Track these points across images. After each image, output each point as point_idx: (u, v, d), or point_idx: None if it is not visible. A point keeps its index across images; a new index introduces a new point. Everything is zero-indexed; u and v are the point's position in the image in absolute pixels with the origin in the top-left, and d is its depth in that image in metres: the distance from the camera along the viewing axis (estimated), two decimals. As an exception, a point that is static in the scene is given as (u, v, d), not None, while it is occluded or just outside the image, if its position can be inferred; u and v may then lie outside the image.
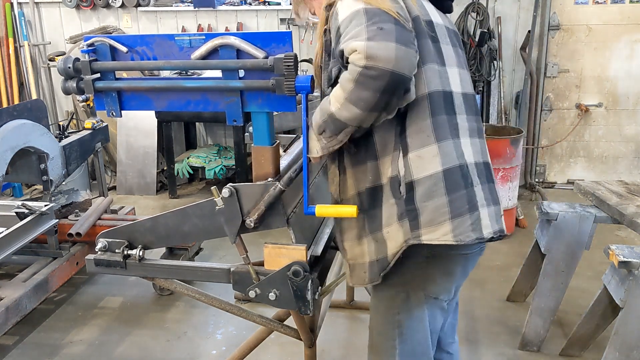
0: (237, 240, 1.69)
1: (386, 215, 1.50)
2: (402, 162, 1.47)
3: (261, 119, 1.69)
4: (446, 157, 1.47)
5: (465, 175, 1.49)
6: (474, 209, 1.49)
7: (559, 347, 2.84)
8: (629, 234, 4.09)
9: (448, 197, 1.45)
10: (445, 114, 1.50)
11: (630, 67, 4.90)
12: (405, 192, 1.47)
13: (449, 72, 1.55)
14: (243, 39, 1.62)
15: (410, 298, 1.60)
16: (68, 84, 1.76)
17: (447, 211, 1.45)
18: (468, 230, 1.46)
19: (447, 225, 1.45)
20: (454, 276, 1.61)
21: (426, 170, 1.46)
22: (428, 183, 1.45)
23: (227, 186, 1.63)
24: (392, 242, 1.50)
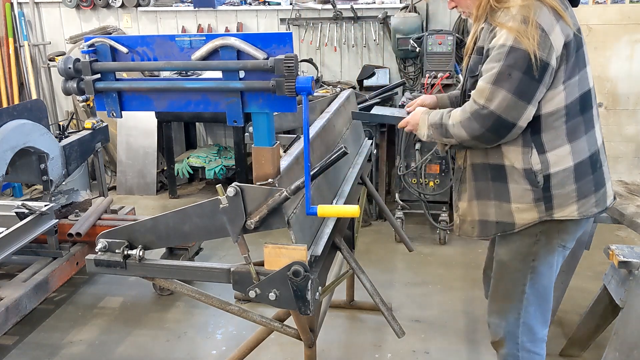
0: (240, 239, 1.69)
1: (516, 194, 1.84)
2: (539, 159, 1.79)
3: (261, 120, 1.70)
4: (577, 154, 1.80)
5: (594, 162, 1.84)
6: (600, 186, 1.86)
7: (559, 347, 2.84)
8: (629, 234, 4.10)
9: (576, 184, 1.81)
10: (580, 114, 1.81)
11: (631, 67, 4.90)
12: (543, 182, 1.80)
13: (587, 71, 1.86)
14: (243, 40, 1.62)
15: (548, 245, 1.89)
16: (68, 85, 1.76)
17: (575, 195, 1.81)
18: (592, 207, 1.84)
19: (574, 205, 1.81)
20: (580, 226, 1.91)
21: (560, 165, 1.79)
22: (562, 175, 1.79)
23: (233, 185, 1.63)
24: (521, 215, 1.84)
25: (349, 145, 2.67)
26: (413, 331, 3.04)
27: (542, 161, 1.79)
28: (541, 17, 1.69)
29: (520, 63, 1.66)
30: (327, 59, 5.24)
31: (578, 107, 1.80)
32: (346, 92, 2.95)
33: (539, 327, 1.99)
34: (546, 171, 1.79)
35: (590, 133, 1.84)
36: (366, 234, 4.32)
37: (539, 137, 1.79)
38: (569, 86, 1.77)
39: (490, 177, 1.88)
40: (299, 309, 1.69)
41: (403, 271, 3.73)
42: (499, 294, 2.01)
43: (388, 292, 3.44)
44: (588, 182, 1.83)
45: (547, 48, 1.68)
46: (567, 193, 1.81)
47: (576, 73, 1.79)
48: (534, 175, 1.80)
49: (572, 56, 1.76)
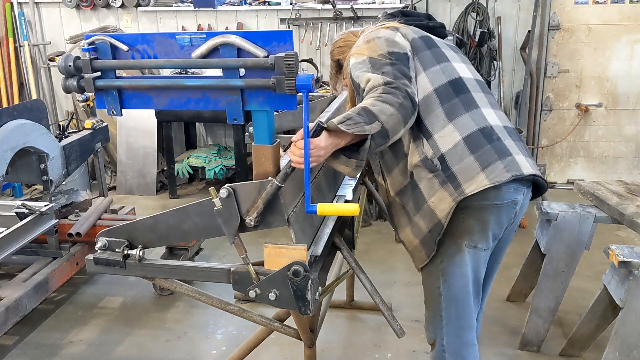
0: (236, 240, 1.69)
1: (427, 189, 1.80)
2: (428, 145, 1.78)
3: (262, 118, 1.69)
4: (463, 128, 1.78)
5: (487, 134, 1.79)
6: (505, 155, 1.77)
7: (559, 347, 2.84)
8: (629, 234, 4.09)
9: (473, 155, 1.75)
10: (456, 96, 1.83)
11: (630, 67, 4.90)
12: (440, 164, 1.76)
13: (454, 65, 1.90)
14: (244, 38, 1.62)
15: (452, 247, 1.84)
16: (69, 82, 1.76)
17: (477, 165, 1.74)
18: (502, 172, 1.73)
19: (481, 175, 1.73)
20: (488, 224, 1.81)
21: (449, 143, 1.77)
22: (454, 151, 1.76)
23: (225, 186, 1.63)
24: (440, 206, 1.77)
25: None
26: (413, 331, 3.03)
27: (432, 145, 1.78)
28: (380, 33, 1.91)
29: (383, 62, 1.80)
30: (327, 59, 5.23)
31: (450, 90, 1.83)
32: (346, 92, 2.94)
33: (463, 331, 1.93)
34: (438, 153, 1.77)
35: (474, 112, 1.82)
36: (366, 234, 4.32)
37: (423, 124, 1.80)
38: (431, 73, 1.84)
39: (410, 193, 1.86)
40: (299, 309, 1.69)
41: (403, 271, 3.73)
42: (425, 299, 2.01)
43: (388, 292, 3.43)
44: (487, 152, 1.76)
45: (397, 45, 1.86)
46: (468, 165, 1.74)
47: (436, 64, 1.87)
48: (430, 161, 1.78)
49: (423, 50, 1.89)
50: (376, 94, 1.68)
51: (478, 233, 1.82)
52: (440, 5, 4.95)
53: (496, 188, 1.73)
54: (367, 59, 1.81)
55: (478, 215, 1.80)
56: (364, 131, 1.60)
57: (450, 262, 1.86)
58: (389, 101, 1.65)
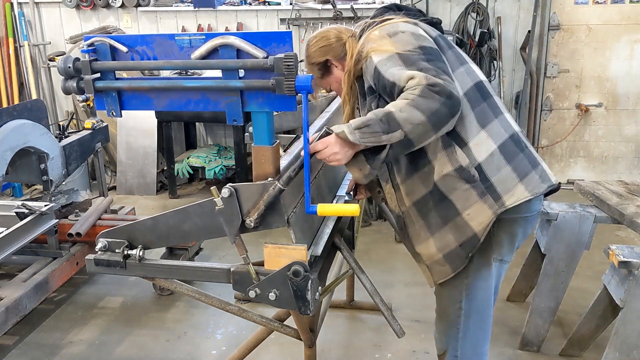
0: (237, 240, 1.69)
1: (461, 201, 1.71)
2: (463, 153, 1.69)
3: (261, 119, 1.69)
4: (496, 136, 1.73)
5: (517, 142, 1.76)
6: (536, 164, 1.77)
7: (559, 347, 2.84)
8: (629, 234, 4.09)
9: (510, 165, 1.71)
10: (483, 101, 1.76)
11: (630, 67, 4.90)
12: (477, 174, 1.69)
13: (472, 66, 1.82)
14: (243, 39, 1.62)
15: (480, 261, 1.79)
16: (68, 84, 1.76)
17: (515, 176, 1.71)
18: (538, 183, 1.73)
19: (519, 186, 1.71)
20: (516, 237, 1.80)
21: (485, 152, 1.70)
22: (490, 160, 1.70)
23: (227, 186, 1.63)
24: (477, 219, 1.71)
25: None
26: (413, 331, 3.04)
27: (467, 154, 1.69)
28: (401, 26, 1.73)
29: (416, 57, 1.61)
30: (327, 59, 5.23)
31: (478, 94, 1.74)
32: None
33: (479, 342, 1.92)
34: (475, 162, 1.69)
35: (501, 117, 1.76)
36: (366, 234, 4.32)
37: (455, 131, 1.68)
38: (458, 75, 1.72)
39: (432, 206, 1.76)
40: (299, 309, 1.69)
41: (403, 271, 3.73)
42: (439, 309, 1.95)
43: (388, 292, 3.43)
44: (521, 160, 1.73)
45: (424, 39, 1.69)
46: (506, 175, 1.70)
47: (459, 65, 1.76)
48: (467, 171, 1.69)
49: (446, 50, 1.77)
50: (411, 97, 1.52)
51: (507, 247, 1.79)
52: (440, 5, 4.95)
53: (529, 200, 1.71)
54: (395, 55, 1.62)
55: (509, 228, 1.76)
56: (380, 142, 1.55)
57: (477, 276, 1.81)
58: (421, 107, 1.51)
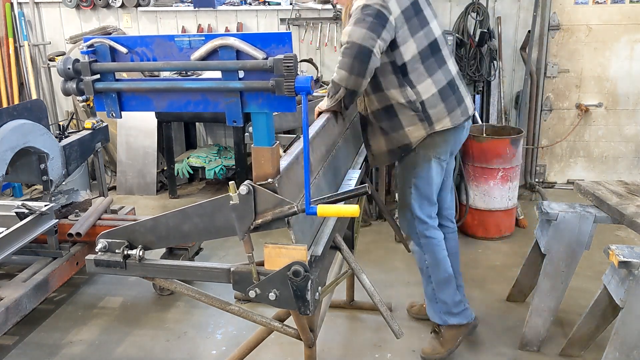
0: (245, 237, 1.69)
1: (406, 120, 2.49)
2: (412, 92, 2.45)
3: (261, 120, 1.69)
4: (437, 82, 2.50)
5: (452, 86, 2.55)
6: (461, 101, 2.58)
7: (559, 347, 2.85)
8: (629, 234, 4.09)
9: (443, 103, 2.51)
10: (432, 56, 2.49)
11: (630, 67, 4.90)
12: (420, 106, 2.47)
13: (432, 26, 2.51)
14: (243, 40, 1.62)
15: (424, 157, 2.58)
16: (68, 85, 1.76)
17: (445, 110, 2.51)
18: (459, 116, 2.56)
19: (446, 118, 2.52)
20: (449, 142, 2.60)
21: (428, 93, 2.48)
22: (431, 99, 2.48)
23: (246, 184, 1.63)
24: (414, 134, 2.51)
25: (349, 145, 2.68)
26: (413, 331, 3.04)
27: (415, 93, 2.45)
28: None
29: (370, 12, 2.27)
30: (327, 59, 5.24)
31: (429, 51, 2.46)
32: (346, 92, 2.94)
33: (426, 217, 2.68)
34: (420, 99, 2.46)
35: (444, 67, 2.52)
36: (366, 234, 4.32)
37: (408, 77, 2.44)
38: (417, 39, 2.43)
39: (386, 117, 2.51)
40: (299, 309, 1.69)
41: (403, 271, 3.73)
42: (399, 200, 2.75)
43: (388, 292, 3.44)
44: (452, 100, 2.52)
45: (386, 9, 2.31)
46: (439, 110, 2.49)
47: (420, 30, 2.44)
48: (414, 104, 2.45)
49: (412, 18, 2.41)
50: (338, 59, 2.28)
51: (442, 147, 2.57)
52: (440, 5, 4.95)
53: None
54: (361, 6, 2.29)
55: (442, 136, 2.54)
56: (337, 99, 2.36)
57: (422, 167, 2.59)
58: (342, 66, 2.25)
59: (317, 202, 1.69)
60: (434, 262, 2.71)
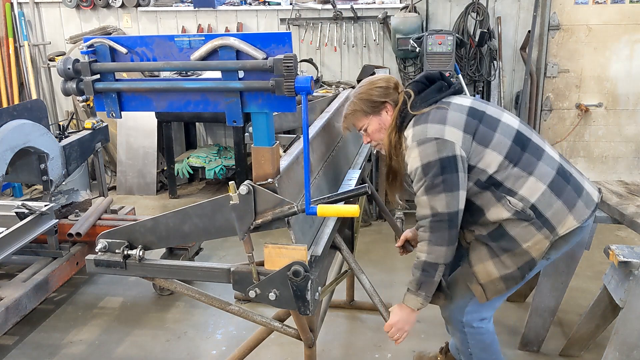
0: (246, 237, 1.70)
1: (521, 236, 2.01)
2: (516, 200, 1.98)
3: (261, 120, 1.70)
4: (544, 177, 2.01)
5: (563, 175, 2.05)
6: (580, 191, 2.06)
7: (559, 347, 2.85)
8: (629, 234, 4.09)
9: (560, 199, 2.01)
10: (524, 151, 2.02)
11: (630, 67, 4.90)
12: (532, 212, 1.98)
13: (504, 121, 2.06)
14: (242, 40, 1.62)
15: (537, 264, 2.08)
16: (68, 85, 1.76)
17: (565, 208, 2.01)
18: (583, 209, 2.04)
19: (569, 217, 2.01)
20: (570, 243, 2.10)
21: (536, 193, 1.99)
22: (542, 199, 1.99)
23: (246, 183, 1.64)
24: (535, 247, 2.01)
25: (349, 145, 2.68)
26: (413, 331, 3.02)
27: (520, 199, 1.99)
28: (429, 132, 1.97)
29: (436, 170, 1.92)
30: (327, 59, 5.24)
31: (517, 148, 2.01)
32: (346, 92, 2.95)
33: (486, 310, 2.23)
34: (529, 204, 1.99)
35: (544, 157, 2.05)
36: (366, 234, 4.32)
37: (504, 187, 2.00)
38: (494, 145, 1.99)
39: (492, 240, 2.05)
40: (299, 309, 1.69)
41: (403, 271, 3.73)
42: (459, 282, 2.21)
43: (388, 292, 3.43)
44: (569, 192, 2.03)
45: (446, 147, 1.94)
46: (558, 209, 2.00)
47: (493, 133, 2.01)
48: (523, 213, 1.98)
49: (477, 127, 2.01)
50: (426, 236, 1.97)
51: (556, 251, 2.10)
52: (440, 5, 4.95)
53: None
54: (420, 167, 1.95)
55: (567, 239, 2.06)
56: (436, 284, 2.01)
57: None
58: (438, 242, 1.95)
59: (317, 202, 1.69)
60: (480, 348, 2.28)
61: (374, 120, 2.14)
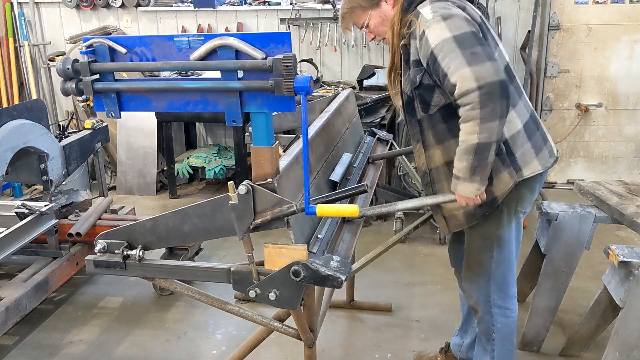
0: (245, 237, 1.70)
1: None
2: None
3: (260, 120, 1.70)
4: (521, 116, 1.97)
5: (535, 120, 2.04)
6: (546, 140, 2.06)
7: (559, 347, 2.84)
8: (629, 234, 4.09)
9: (530, 142, 1.98)
10: (511, 82, 1.90)
11: (630, 67, 4.90)
12: (504, 148, 1.92)
13: (501, 48, 2.01)
14: (242, 40, 1.62)
15: (509, 214, 2.05)
16: (67, 85, 1.76)
17: (533, 151, 1.98)
18: (547, 157, 2.02)
19: (535, 161, 1.98)
20: (535, 191, 2.09)
21: (512, 129, 1.94)
22: (516, 137, 1.95)
23: (245, 183, 1.64)
24: (498, 186, 1.95)
25: (348, 145, 2.67)
26: (413, 331, 3.04)
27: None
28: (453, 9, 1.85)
29: (472, 41, 1.75)
30: (327, 59, 5.24)
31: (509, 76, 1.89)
32: (345, 92, 2.95)
33: (507, 286, 2.18)
34: (503, 138, 1.91)
35: (523, 98, 2.02)
36: (366, 234, 4.32)
37: None
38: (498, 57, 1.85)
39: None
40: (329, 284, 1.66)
41: (403, 271, 3.73)
42: (470, 260, 2.19)
43: (388, 292, 3.44)
44: (537, 137, 2.01)
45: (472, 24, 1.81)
46: (526, 151, 1.97)
47: (495, 49, 1.91)
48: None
49: (487, 34, 1.92)
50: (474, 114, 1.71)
51: (528, 200, 2.07)
52: (440, 5, 4.94)
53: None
54: (450, 39, 1.75)
55: (530, 185, 2.03)
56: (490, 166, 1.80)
57: (506, 228, 2.07)
58: (490, 117, 1.70)
59: (316, 202, 1.69)
60: (504, 334, 2.24)
61: (374, 14, 2.03)
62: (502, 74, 1.70)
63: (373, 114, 4.44)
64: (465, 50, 1.72)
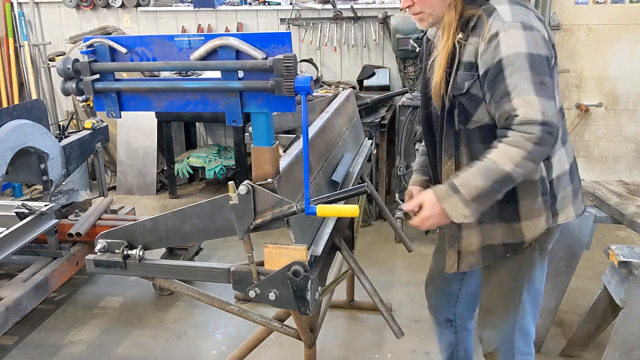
0: (245, 237, 1.70)
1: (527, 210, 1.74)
2: (543, 167, 1.73)
3: (260, 120, 1.69)
4: (569, 155, 1.82)
5: (575, 164, 1.88)
6: (580, 186, 1.89)
7: (559, 347, 2.84)
8: (629, 234, 4.09)
9: (572, 185, 1.82)
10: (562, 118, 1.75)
11: (631, 67, 4.89)
12: (549, 188, 1.75)
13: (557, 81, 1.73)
14: (242, 40, 1.62)
15: (541, 251, 1.87)
16: (67, 85, 1.76)
17: (571, 196, 1.82)
18: (580, 204, 1.88)
19: (570, 207, 1.83)
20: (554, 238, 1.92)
21: (560, 169, 1.77)
22: (562, 178, 1.78)
23: (245, 183, 1.63)
24: (531, 231, 1.77)
25: (348, 145, 2.68)
26: (413, 331, 3.04)
27: (547, 167, 1.73)
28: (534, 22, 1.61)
29: (544, 68, 1.55)
30: (327, 59, 5.24)
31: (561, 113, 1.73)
32: (346, 92, 2.95)
33: (531, 328, 1.99)
34: (550, 177, 1.74)
35: (568, 138, 1.85)
36: (366, 234, 4.32)
37: None
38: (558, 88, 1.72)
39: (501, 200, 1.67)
40: (299, 309, 1.69)
41: (403, 271, 3.73)
42: (495, 305, 1.95)
43: (388, 292, 3.44)
44: (577, 181, 1.87)
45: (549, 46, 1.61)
46: (566, 194, 1.80)
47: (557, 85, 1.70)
48: (545, 184, 1.73)
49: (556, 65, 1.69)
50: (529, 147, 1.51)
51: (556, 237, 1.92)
52: (440, 5, 4.94)
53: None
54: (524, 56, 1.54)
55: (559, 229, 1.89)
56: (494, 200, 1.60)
57: (539, 265, 1.89)
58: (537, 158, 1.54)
59: (316, 202, 1.69)
60: None
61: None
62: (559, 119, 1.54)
63: (373, 114, 4.44)
64: (536, 76, 1.52)
